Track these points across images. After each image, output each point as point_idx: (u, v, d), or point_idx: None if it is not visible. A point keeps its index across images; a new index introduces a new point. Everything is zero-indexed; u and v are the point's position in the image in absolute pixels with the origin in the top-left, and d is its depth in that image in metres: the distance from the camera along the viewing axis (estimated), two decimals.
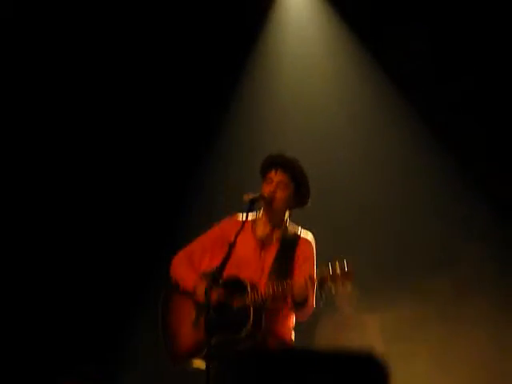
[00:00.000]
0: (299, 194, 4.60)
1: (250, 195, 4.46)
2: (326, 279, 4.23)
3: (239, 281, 4.45)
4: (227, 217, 4.69)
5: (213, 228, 4.71)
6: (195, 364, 4.45)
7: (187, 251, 4.69)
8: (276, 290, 4.35)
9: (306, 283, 4.26)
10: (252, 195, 4.46)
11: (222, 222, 4.69)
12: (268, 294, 4.37)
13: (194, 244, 4.70)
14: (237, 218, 4.61)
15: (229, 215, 4.68)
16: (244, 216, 4.47)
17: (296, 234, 4.64)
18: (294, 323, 4.61)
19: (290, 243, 4.59)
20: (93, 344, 6.78)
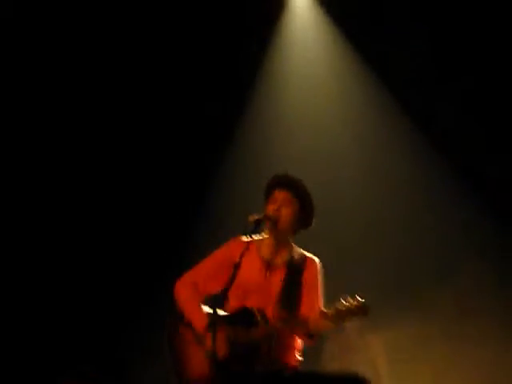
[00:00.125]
0: (304, 212, 4.59)
1: (255, 216, 4.44)
2: (343, 316, 4.20)
3: (248, 312, 4.43)
4: (232, 239, 4.68)
5: (218, 250, 4.70)
6: None
7: (192, 274, 4.67)
8: (288, 326, 4.37)
9: (322, 320, 4.24)
10: (257, 216, 4.44)
11: (227, 244, 4.68)
12: (281, 328, 4.37)
13: (199, 267, 4.68)
14: (242, 240, 4.58)
15: (233, 238, 4.67)
16: (249, 237, 4.44)
17: (302, 255, 4.62)
18: (301, 346, 4.60)
19: (297, 266, 4.57)
20: (92, 344, 6.80)
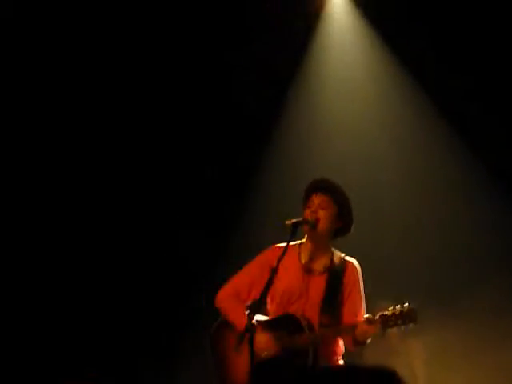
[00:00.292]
0: (342, 215, 4.59)
1: (293, 220, 4.44)
2: (390, 322, 4.27)
3: (291, 318, 4.48)
4: (270, 246, 4.69)
5: (256, 258, 4.72)
6: None
7: (233, 283, 4.69)
8: (333, 333, 4.46)
9: (368, 326, 4.32)
10: (294, 220, 4.45)
11: (265, 251, 4.69)
12: (326, 336, 4.44)
13: (239, 275, 4.70)
14: (279, 245, 4.59)
15: (272, 245, 4.68)
16: (287, 243, 4.43)
17: (342, 259, 4.63)
18: (343, 350, 4.64)
19: (338, 271, 4.58)
20: (95, 345, 6.79)
